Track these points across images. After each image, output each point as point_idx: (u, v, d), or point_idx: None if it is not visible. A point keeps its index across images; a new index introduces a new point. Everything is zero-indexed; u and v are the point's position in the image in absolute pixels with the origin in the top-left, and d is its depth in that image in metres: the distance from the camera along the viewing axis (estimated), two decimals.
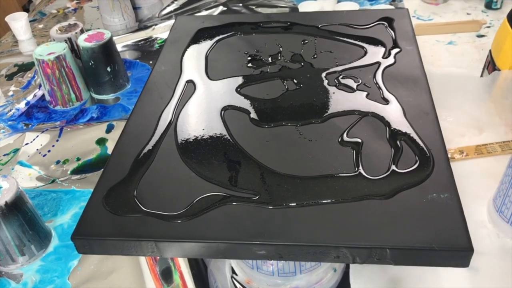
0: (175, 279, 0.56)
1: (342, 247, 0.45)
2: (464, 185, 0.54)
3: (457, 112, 0.71)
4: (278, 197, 0.50)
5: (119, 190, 0.54)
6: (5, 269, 0.58)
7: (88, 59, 0.82)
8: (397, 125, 0.58)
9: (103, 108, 0.84)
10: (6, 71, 0.99)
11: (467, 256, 0.44)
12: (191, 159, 0.57)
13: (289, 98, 0.66)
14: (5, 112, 0.86)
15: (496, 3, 0.97)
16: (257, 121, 0.62)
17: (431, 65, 0.83)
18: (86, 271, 0.57)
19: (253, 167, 0.55)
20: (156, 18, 1.14)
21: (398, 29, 0.78)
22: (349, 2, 1.02)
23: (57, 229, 0.62)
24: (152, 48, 1.01)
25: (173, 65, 0.76)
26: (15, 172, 0.73)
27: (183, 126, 0.63)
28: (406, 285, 0.51)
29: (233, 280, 0.57)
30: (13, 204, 0.54)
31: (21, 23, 1.07)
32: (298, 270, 0.54)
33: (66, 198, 0.67)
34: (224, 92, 0.68)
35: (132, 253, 0.50)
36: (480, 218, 0.56)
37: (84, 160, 0.73)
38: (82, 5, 1.27)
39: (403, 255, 0.45)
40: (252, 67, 0.73)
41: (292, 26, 0.83)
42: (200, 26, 0.86)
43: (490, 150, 0.64)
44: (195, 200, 0.51)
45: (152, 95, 0.69)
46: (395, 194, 0.49)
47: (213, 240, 0.47)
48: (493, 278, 0.51)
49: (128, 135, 0.62)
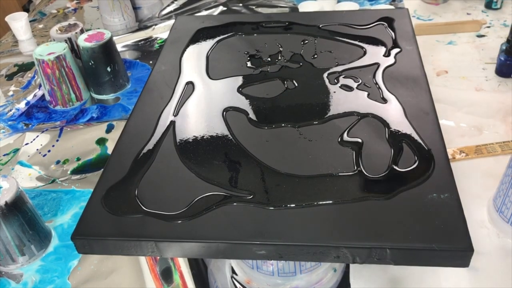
0: (175, 279, 0.56)
1: (342, 247, 0.45)
2: (464, 185, 0.54)
3: (457, 113, 0.72)
4: (278, 198, 0.50)
5: (119, 190, 0.54)
6: (5, 269, 0.58)
7: (88, 59, 0.82)
8: (397, 125, 0.58)
9: (103, 108, 0.84)
10: (6, 71, 0.99)
11: (467, 256, 0.44)
12: (191, 159, 0.57)
13: (289, 98, 0.66)
14: (5, 112, 0.86)
15: (496, 3, 0.97)
16: (256, 122, 0.62)
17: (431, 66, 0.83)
18: (86, 271, 0.57)
19: (254, 167, 0.55)
20: (156, 18, 1.14)
21: (398, 29, 0.78)
22: (349, 2, 1.02)
23: (57, 229, 0.62)
24: (152, 48, 1.01)
25: (173, 65, 0.76)
26: (15, 172, 0.73)
27: (183, 126, 0.63)
28: (406, 285, 0.51)
29: (233, 280, 0.57)
30: (13, 204, 0.54)
31: (21, 23, 1.07)
32: (298, 270, 0.54)
33: (66, 198, 0.67)
34: (224, 92, 0.68)
35: (132, 253, 0.50)
36: (480, 218, 0.56)
37: (84, 160, 0.73)
38: (82, 5, 1.27)
39: (403, 255, 0.45)
40: (252, 67, 0.73)
41: (292, 26, 0.83)
42: (200, 26, 0.86)
43: (490, 150, 0.64)
44: (195, 199, 0.51)
45: (152, 95, 0.69)
46: (395, 195, 0.49)
47: (213, 240, 0.47)
48: (493, 278, 0.51)
49: (128, 135, 0.62)
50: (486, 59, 0.83)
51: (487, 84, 0.77)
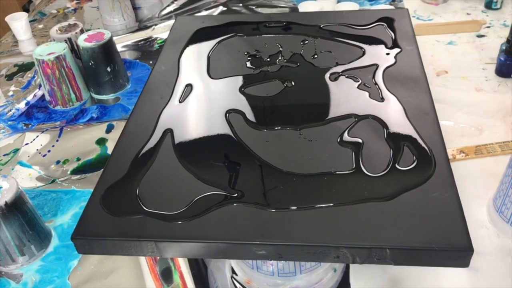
0: (175, 279, 0.56)
1: (342, 247, 0.45)
2: (464, 185, 0.54)
3: (457, 113, 0.72)
4: (278, 198, 0.50)
5: (119, 190, 0.54)
6: (5, 269, 0.58)
7: (88, 59, 0.82)
8: (397, 125, 0.58)
9: (103, 108, 0.84)
10: (6, 71, 0.99)
11: (467, 256, 0.44)
12: (191, 159, 0.57)
13: (289, 99, 0.66)
14: (5, 112, 0.86)
15: (496, 3, 0.97)
16: (256, 124, 0.62)
17: (431, 66, 0.83)
18: (86, 271, 0.57)
19: (255, 167, 0.55)
20: (156, 18, 1.14)
21: (398, 29, 0.78)
22: (349, 2, 1.02)
23: (57, 229, 0.62)
24: (152, 48, 1.01)
25: (173, 65, 0.76)
26: (15, 172, 0.73)
27: (183, 126, 0.63)
28: (406, 285, 0.51)
29: (233, 280, 0.57)
30: (13, 204, 0.54)
31: (21, 23, 1.07)
32: (298, 270, 0.54)
33: (66, 198, 0.67)
34: (225, 92, 0.68)
35: (132, 253, 0.50)
36: (480, 218, 0.56)
37: (84, 160, 0.73)
38: (82, 5, 1.27)
39: (403, 255, 0.45)
40: (251, 67, 0.73)
41: (292, 26, 0.83)
42: (199, 26, 0.86)
43: (490, 150, 0.64)
44: (194, 200, 0.51)
45: (152, 95, 0.69)
46: (395, 195, 0.49)
47: (213, 240, 0.47)
48: (493, 278, 0.51)
49: (128, 135, 0.62)
50: (486, 59, 0.83)
51: (487, 84, 0.77)
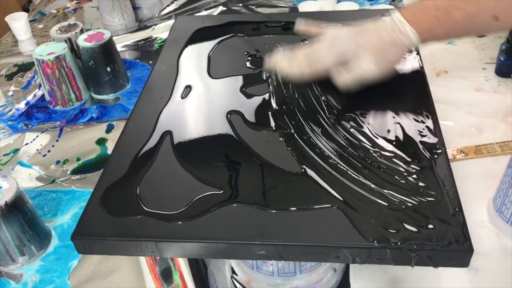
0: (175, 279, 0.56)
1: (342, 247, 0.45)
2: (464, 185, 0.54)
3: (457, 113, 0.72)
4: (278, 198, 0.50)
5: (119, 190, 0.54)
6: (5, 269, 0.58)
7: (88, 59, 0.82)
8: (397, 125, 0.58)
9: (103, 108, 0.84)
10: (6, 71, 0.99)
11: (467, 256, 0.44)
12: (191, 159, 0.57)
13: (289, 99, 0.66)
14: (5, 112, 0.86)
15: None
16: (256, 124, 0.61)
17: (431, 66, 0.83)
18: (86, 271, 0.57)
19: (256, 167, 0.55)
20: (156, 18, 1.14)
21: None
22: (349, 2, 1.02)
23: (57, 229, 0.62)
24: (152, 48, 1.01)
25: (173, 65, 0.76)
26: (15, 172, 0.73)
27: (183, 126, 0.63)
28: (406, 285, 0.51)
29: (233, 280, 0.57)
30: (13, 204, 0.54)
31: (21, 23, 1.07)
32: (298, 270, 0.54)
33: (66, 198, 0.67)
34: (224, 92, 0.68)
35: (132, 253, 0.49)
36: (480, 218, 0.56)
37: (84, 160, 0.73)
38: (82, 5, 1.27)
39: (403, 255, 0.45)
40: (251, 67, 0.73)
41: (292, 26, 0.83)
42: (199, 26, 0.85)
43: (490, 150, 0.64)
44: (194, 199, 0.51)
45: (152, 95, 0.69)
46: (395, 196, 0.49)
47: (213, 240, 0.47)
48: (493, 278, 0.51)
49: (128, 135, 0.62)
50: (486, 59, 0.83)
51: (487, 84, 0.77)
